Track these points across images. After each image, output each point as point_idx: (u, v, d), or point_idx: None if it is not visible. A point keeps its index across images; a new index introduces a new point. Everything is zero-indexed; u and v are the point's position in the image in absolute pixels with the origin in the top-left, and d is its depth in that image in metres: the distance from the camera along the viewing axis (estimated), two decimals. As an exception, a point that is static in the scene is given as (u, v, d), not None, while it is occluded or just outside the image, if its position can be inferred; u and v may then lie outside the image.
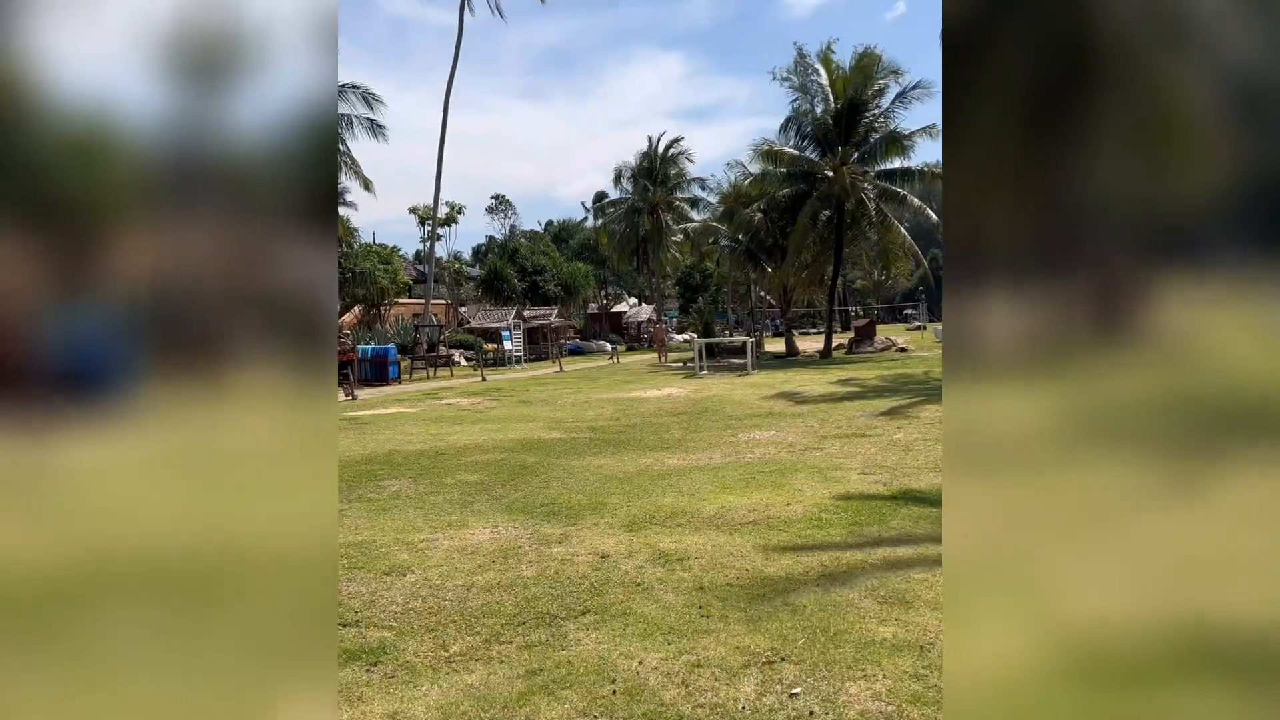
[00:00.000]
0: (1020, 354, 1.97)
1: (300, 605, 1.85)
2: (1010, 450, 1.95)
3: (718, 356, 30.31)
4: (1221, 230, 1.88)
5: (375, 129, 28.75)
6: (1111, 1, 1.93)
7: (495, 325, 37.82)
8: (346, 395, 19.55)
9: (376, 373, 24.44)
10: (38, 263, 1.80)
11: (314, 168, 1.88)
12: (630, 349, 47.17)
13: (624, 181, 50.85)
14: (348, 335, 25.20)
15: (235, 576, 1.86)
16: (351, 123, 28.23)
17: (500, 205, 71.55)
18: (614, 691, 3.41)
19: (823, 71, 30.62)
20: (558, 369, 30.67)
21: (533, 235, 62.76)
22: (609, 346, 43.18)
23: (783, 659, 3.64)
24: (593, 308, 58.02)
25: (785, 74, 30.94)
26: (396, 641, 4.05)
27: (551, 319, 42.68)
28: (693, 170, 50.61)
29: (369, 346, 26.34)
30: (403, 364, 27.04)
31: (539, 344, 40.08)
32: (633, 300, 65.68)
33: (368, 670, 3.74)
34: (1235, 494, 1.83)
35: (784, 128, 31.67)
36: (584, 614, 4.30)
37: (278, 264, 1.89)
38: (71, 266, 1.82)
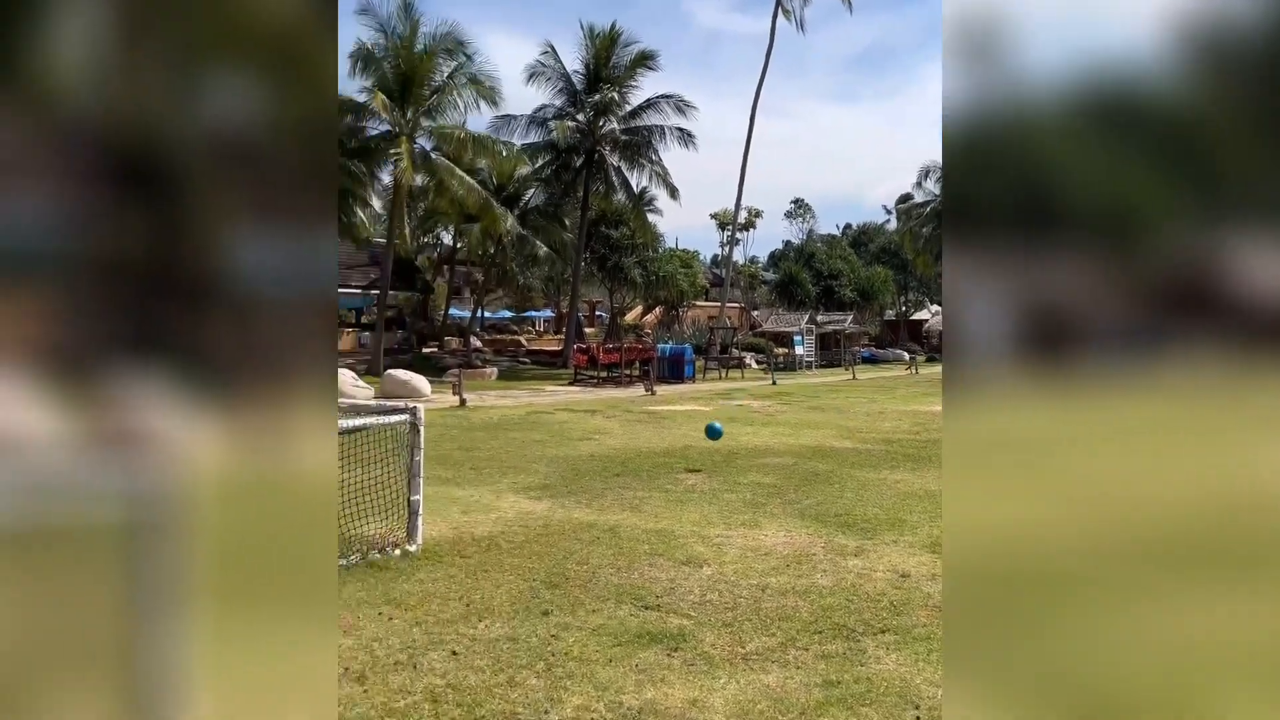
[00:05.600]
0: None
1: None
2: None
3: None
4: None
5: (685, 138, 30.07)
6: None
7: (787, 330, 37.76)
8: (647, 390, 20.71)
9: (673, 370, 25.59)
10: None
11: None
12: (931, 359, 44.55)
13: (928, 182, 48.12)
14: (649, 334, 26.63)
15: None
16: (664, 132, 29.84)
17: (799, 210, 71.30)
18: (917, 718, 3.23)
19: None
20: (850, 376, 29.88)
21: (830, 240, 61.73)
22: (906, 356, 41.14)
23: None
24: (890, 314, 55.67)
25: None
26: (695, 630, 4.20)
27: (846, 325, 41.64)
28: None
29: (667, 345, 27.67)
30: (697, 364, 28.03)
31: (831, 350, 39.31)
32: (935, 308, 61.93)
33: (668, 654, 3.91)
34: None
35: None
36: (883, 632, 4.13)
37: None
38: None
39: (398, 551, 5.58)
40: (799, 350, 35.17)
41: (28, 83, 1.72)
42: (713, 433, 10.33)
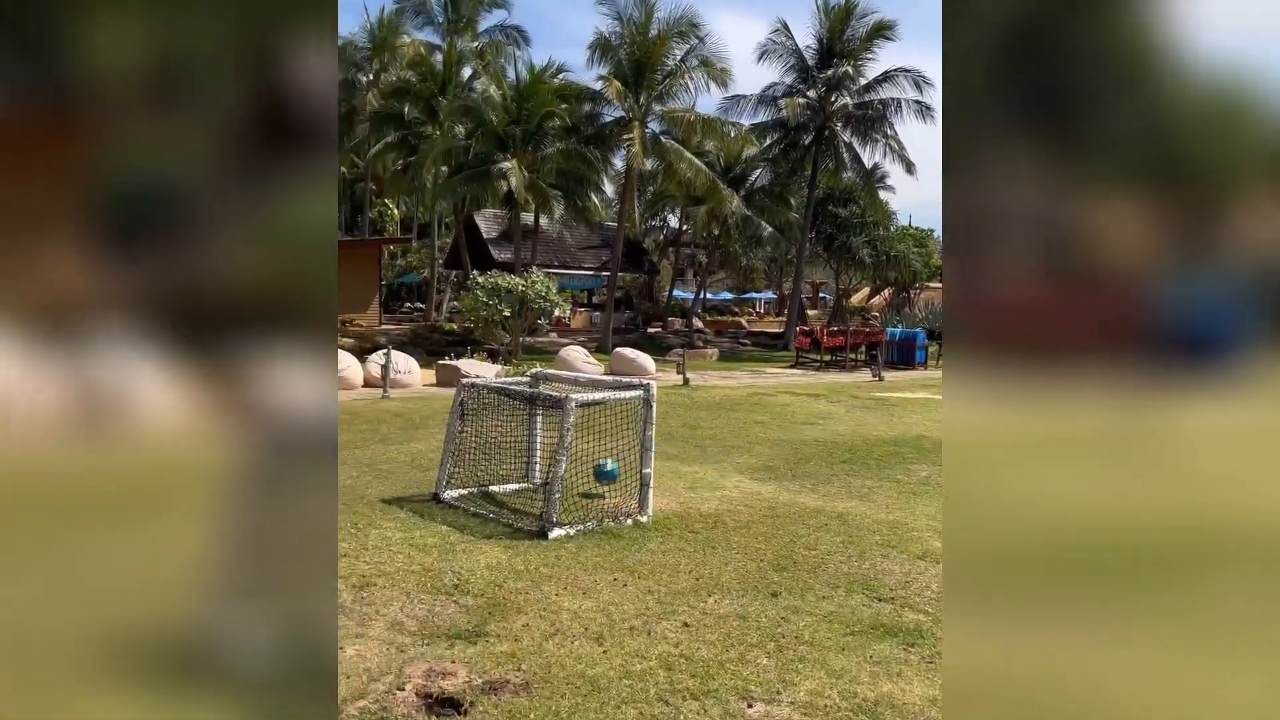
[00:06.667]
0: None
1: None
2: None
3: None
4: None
5: (924, 110, 28.40)
6: None
7: (1033, 315, 34.63)
8: (874, 375, 19.96)
9: (903, 356, 24.40)
10: (1161, 226, 1.90)
11: None
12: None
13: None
14: (876, 317, 25.56)
15: None
16: (900, 105, 28.40)
17: (1049, 183, 64.90)
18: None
19: None
20: (1107, 368, 26.82)
21: (1087, 216, 55.61)
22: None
23: None
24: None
25: None
26: (933, 628, 3.99)
27: (1103, 311, 37.44)
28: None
29: (897, 329, 26.42)
30: (930, 349, 26.53)
31: (1085, 338, 35.55)
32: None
33: (905, 649, 3.75)
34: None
35: None
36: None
37: None
38: (1197, 231, 1.88)
39: (630, 521, 5.81)
40: (1046, 338, 32.12)
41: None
42: (604, 475, 6.34)
